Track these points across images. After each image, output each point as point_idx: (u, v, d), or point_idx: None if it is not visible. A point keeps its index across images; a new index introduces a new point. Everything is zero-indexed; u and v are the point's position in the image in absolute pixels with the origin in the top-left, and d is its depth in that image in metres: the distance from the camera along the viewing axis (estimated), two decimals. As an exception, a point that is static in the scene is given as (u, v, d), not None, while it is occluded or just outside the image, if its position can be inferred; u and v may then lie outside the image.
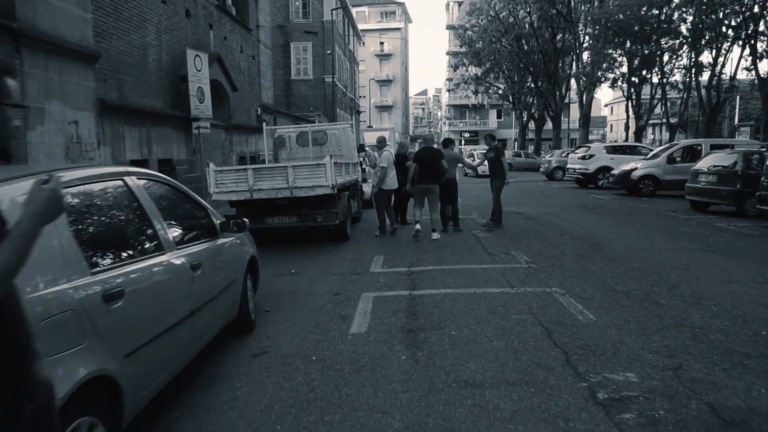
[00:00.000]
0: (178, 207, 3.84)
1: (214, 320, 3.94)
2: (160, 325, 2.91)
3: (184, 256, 3.37)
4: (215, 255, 4.01)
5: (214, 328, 3.97)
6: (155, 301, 2.93)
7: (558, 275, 6.41)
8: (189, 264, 3.39)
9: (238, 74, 17.19)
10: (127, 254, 2.83)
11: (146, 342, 2.73)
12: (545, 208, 13.84)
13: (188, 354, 3.43)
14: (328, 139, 11.50)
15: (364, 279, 6.58)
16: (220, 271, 4.07)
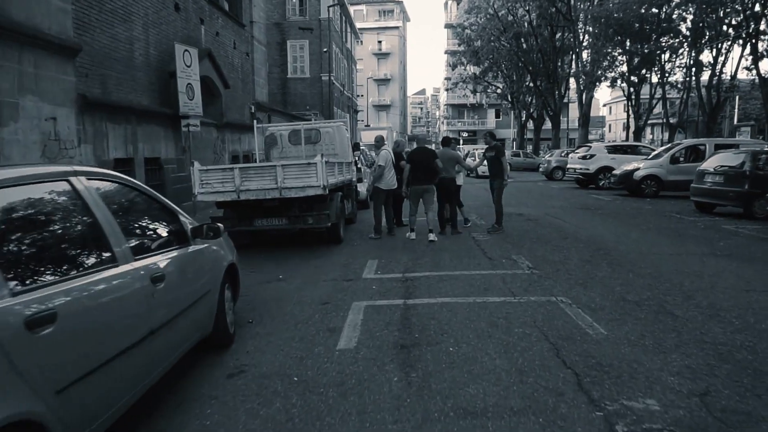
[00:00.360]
0: (140, 211, 3.41)
1: (183, 338, 3.51)
2: (106, 351, 2.48)
3: (143, 268, 2.94)
4: (185, 264, 3.59)
5: (183, 346, 3.54)
6: (100, 322, 2.50)
7: (563, 282, 6.00)
8: (149, 277, 2.97)
9: (231, 71, 16.76)
10: (65, 269, 2.40)
11: (87, 373, 2.31)
12: (546, 209, 13.43)
13: (149, 378, 3.00)
14: (321, 137, 11.08)
15: (356, 286, 6.16)
16: (191, 283, 3.64)
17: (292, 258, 8.01)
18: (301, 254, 8.25)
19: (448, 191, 9.64)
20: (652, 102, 39.10)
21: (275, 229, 8.38)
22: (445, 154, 9.58)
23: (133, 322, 2.77)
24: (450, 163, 9.48)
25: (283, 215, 8.15)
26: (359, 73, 62.60)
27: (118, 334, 2.62)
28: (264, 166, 7.95)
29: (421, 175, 8.92)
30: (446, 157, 9.51)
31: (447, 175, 9.42)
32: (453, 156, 9.75)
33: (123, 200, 3.20)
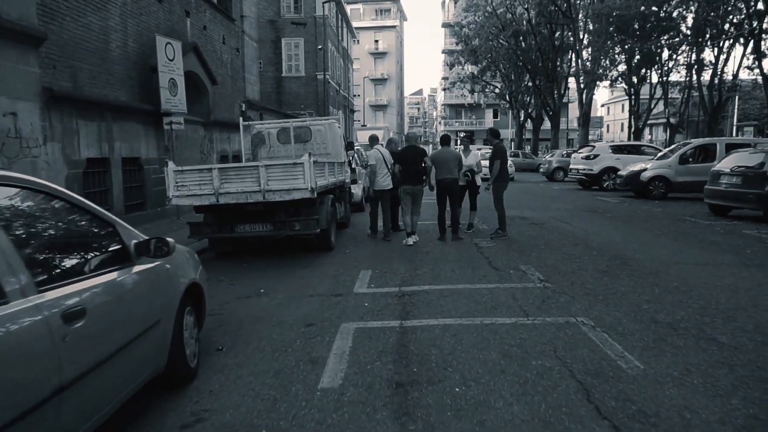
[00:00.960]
0: (59, 227, 2.67)
1: (121, 383, 2.77)
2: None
3: (49, 304, 2.20)
4: (122, 291, 2.84)
5: (122, 393, 2.79)
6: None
7: (581, 298, 5.27)
8: (60, 314, 2.23)
9: (220, 67, 16.00)
10: None
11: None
12: (550, 212, 12.71)
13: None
14: (312, 135, 10.34)
15: (346, 303, 5.42)
16: (131, 313, 2.90)
17: (276, 268, 7.27)
18: (288, 263, 7.51)
19: (450, 193, 8.91)
20: (652, 102, 38.47)
21: (258, 235, 7.62)
22: (444, 154, 8.90)
23: (31, 378, 2.03)
24: (452, 164, 8.75)
25: (267, 221, 7.41)
26: (356, 73, 61.87)
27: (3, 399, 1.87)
28: (245, 167, 7.20)
29: (409, 175, 8.53)
30: (446, 157, 8.83)
31: (449, 175, 8.69)
32: (454, 156, 9.01)
33: (31, 213, 2.46)
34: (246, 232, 7.45)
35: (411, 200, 8.70)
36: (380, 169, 9.03)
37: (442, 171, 8.69)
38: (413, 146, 8.99)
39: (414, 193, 8.67)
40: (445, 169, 8.68)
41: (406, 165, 8.60)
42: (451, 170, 8.71)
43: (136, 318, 2.92)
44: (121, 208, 10.18)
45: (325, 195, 8.15)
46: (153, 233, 4.00)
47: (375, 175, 9.03)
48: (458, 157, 9.04)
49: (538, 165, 32.16)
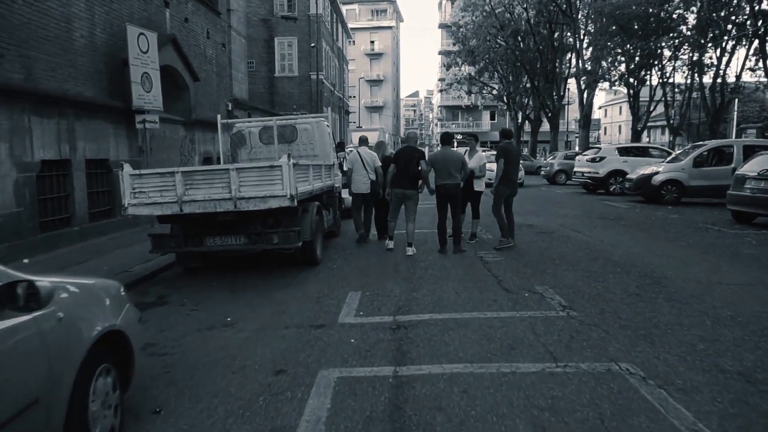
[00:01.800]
0: None
1: None
2: None
3: None
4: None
5: None
6: None
7: (617, 333, 4.28)
8: None
9: (204, 62, 14.98)
10: None
11: None
12: (558, 218, 11.74)
13: None
14: (298, 134, 9.33)
15: (328, 338, 4.41)
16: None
17: (251, 287, 6.24)
18: (265, 282, 6.49)
19: (451, 200, 7.96)
20: (651, 104, 37.66)
21: (231, 250, 6.61)
22: (444, 156, 7.92)
23: None
24: (452, 166, 7.81)
25: (241, 233, 6.39)
26: (351, 74, 61.02)
27: None
28: (214, 171, 6.17)
29: (402, 177, 7.86)
30: (447, 158, 7.86)
31: (450, 180, 7.78)
32: (456, 157, 8.02)
33: None
34: (216, 246, 6.43)
35: (400, 204, 8.00)
36: (358, 171, 8.74)
37: (443, 175, 7.80)
38: (410, 147, 8.13)
39: (405, 197, 7.91)
40: (445, 172, 7.78)
41: (400, 166, 7.88)
42: (452, 174, 7.79)
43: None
44: (84, 215, 9.14)
45: (309, 202, 7.14)
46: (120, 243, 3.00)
47: (350, 178, 8.84)
48: (460, 159, 8.05)
49: (538, 167, 31.28)
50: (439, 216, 8.16)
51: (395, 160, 8.03)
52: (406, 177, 7.83)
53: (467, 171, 8.24)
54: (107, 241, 9.23)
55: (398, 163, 7.92)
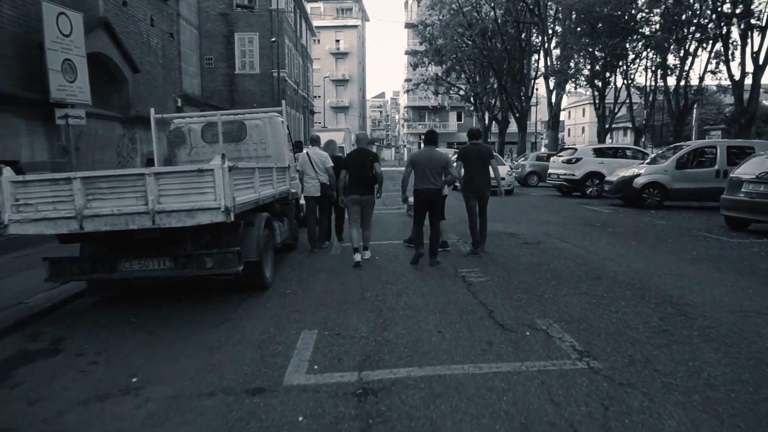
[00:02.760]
0: None
1: None
2: None
3: None
4: None
5: None
6: None
7: (665, 400, 3.14)
8: None
9: (146, 53, 13.40)
10: None
11: None
12: (540, 225, 10.71)
13: None
14: (247, 132, 7.99)
15: (266, 414, 3.12)
16: None
17: (176, 325, 4.87)
18: (196, 316, 5.12)
19: (431, 207, 7.01)
20: (615, 106, 37.58)
21: (154, 276, 5.22)
22: (427, 156, 6.97)
23: None
24: (435, 169, 6.86)
25: (166, 255, 5.02)
26: (316, 74, 59.46)
27: None
28: (125, 176, 4.77)
29: (356, 183, 7.21)
30: (429, 159, 6.91)
31: (431, 185, 6.86)
32: (439, 159, 6.95)
33: None
34: (133, 272, 5.03)
35: (359, 211, 7.33)
36: (307, 173, 8.29)
37: (423, 178, 6.90)
38: (362, 149, 7.41)
39: (363, 203, 7.29)
40: (426, 175, 6.86)
41: (354, 171, 7.23)
42: (434, 177, 6.88)
43: None
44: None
45: (255, 214, 5.83)
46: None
47: (302, 181, 8.38)
48: (446, 161, 6.99)
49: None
50: (414, 224, 7.26)
51: (346, 164, 7.39)
52: (361, 182, 7.16)
53: (453, 175, 7.16)
54: (6, 262, 7.64)
55: (350, 168, 7.25)
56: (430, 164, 6.83)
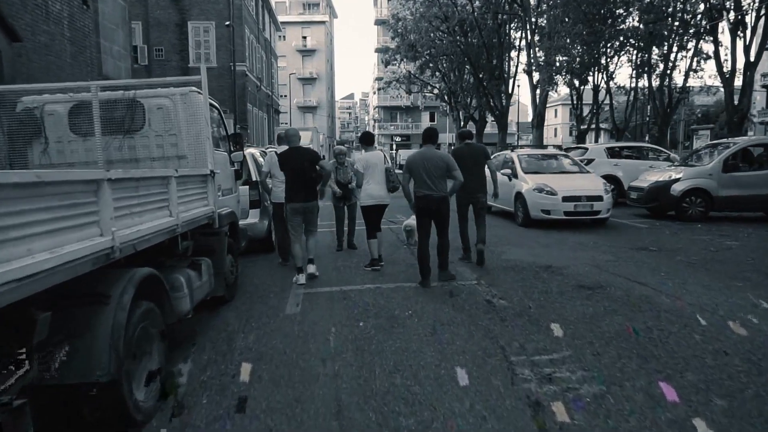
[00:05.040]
0: None
1: None
2: None
3: None
4: None
5: None
6: None
7: None
8: None
9: (42, 20, 10.09)
10: None
11: None
12: (575, 250, 7.92)
13: None
14: (146, 119, 4.92)
15: None
16: None
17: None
18: None
19: (437, 217, 5.99)
20: (596, 105, 35.76)
21: None
22: (426, 159, 5.92)
23: None
24: (436, 172, 5.88)
25: None
26: (282, 72, 56.08)
27: None
28: None
29: (296, 187, 6.21)
30: (429, 162, 5.89)
31: (434, 191, 5.87)
32: (437, 161, 5.91)
33: None
34: None
35: (300, 221, 6.32)
36: (276, 176, 6.97)
37: (422, 184, 5.94)
38: (298, 149, 6.30)
39: (306, 211, 6.30)
40: (424, 181, 5.89)
41: (291, 175, 6.22)
42: (435, 183, 5.89)
43: None
44: None
45: (112, 277, 2.77)
46: None
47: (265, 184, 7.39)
48: (446, 162, 5.97)
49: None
50: (419, 238, 6.14)
51: (282, 166, 6.33)
52: (302, 186, 6.20)
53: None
54: None
55: (287, 170, 6.24)
56: (427, 168, 5.83)
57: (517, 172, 10.89)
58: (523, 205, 10.32)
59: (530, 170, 10.92)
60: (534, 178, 10.46)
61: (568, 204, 9.86)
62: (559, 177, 10.67)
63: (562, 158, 12.21)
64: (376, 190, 6.66)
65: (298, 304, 5.29)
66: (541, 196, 10.03)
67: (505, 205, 11.13)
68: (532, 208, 10.09)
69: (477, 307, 4.97)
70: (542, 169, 11.13)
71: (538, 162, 11.58)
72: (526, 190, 10.26)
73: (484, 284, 5.90)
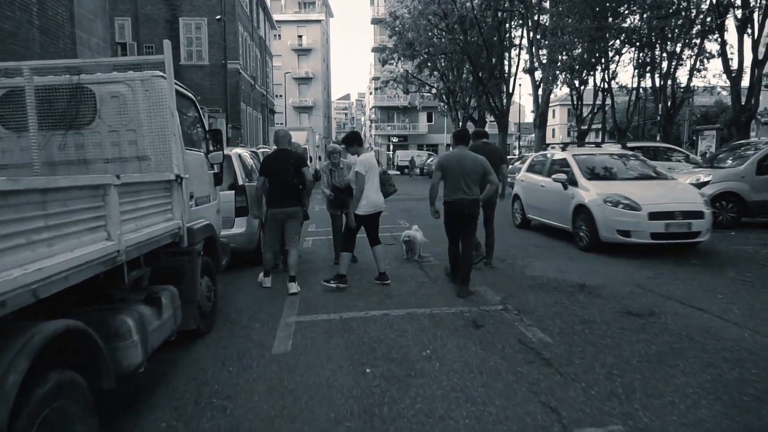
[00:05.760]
0: None
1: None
2: None
3: None
4: None
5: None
6: None
7: None
8: None
9: (6, 6, 9.07)
10: None
11: None
12: (605, 264, 6.97)
13: None
14: (98, 110, 3.92)
15: None
16: None
17: None
18: None
19: (466, 221, 5.60)
20: (603, 101, 35.04)
21: None
22: (459, 160, 5.58)
23: None
24: (470, 175, 5.52)
25: None
26: (277, 71, 55.05)
27: None
28: None
29: (278, 192, 5.76)
30: (462, 164, 5.54)
31: (465, 195, 5.48)
32: (474, 164, 5.56)
33: None
34: None
35: (279, 228, 5.89)
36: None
37: (456, 187, 5.55)
38: (283, 151, 5.94)
39: (288, 215, 5.80)
40: (459, 184, 5.50)
41: (274, 179, 5.77)
42: (469, 186, 5.51)
43: None
44: None
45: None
46: None
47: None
48: (482, 165, 5.60)
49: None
50: (450, 244, 5.90)
51: (263, 170, 5.96)
52: (284, 191, 5.81)
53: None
54: None
55: (269, 174, 5.83)
56: (465, 170, 5.53)
57: (576, 178, 8.36)
58: (588, 222, 7.76)
59: (594, 176, 8.48)
60: (601, 186, 8.02)
61: (656, 223, 7.23)
62: (635, 185, 8.07)
63: (632, 159, 9.41)
64: (375, 197, 5.90)
65: (289, 338, 4.30)
66: (617, 212, 7.38)
67: (556, 221, 8.93)
68: (604, 228, 7.51)
69: (511, 345, 3.99)
70: (610, 175, 8.66)
71: (603, 165, 8.98)
72: (593, 203, 7.72)
73: (512, 310, 4.93)
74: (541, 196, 9.56)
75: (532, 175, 10.28)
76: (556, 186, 8.69)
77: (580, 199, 8.06)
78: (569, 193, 8.35)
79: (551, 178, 8.84)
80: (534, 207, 9.91)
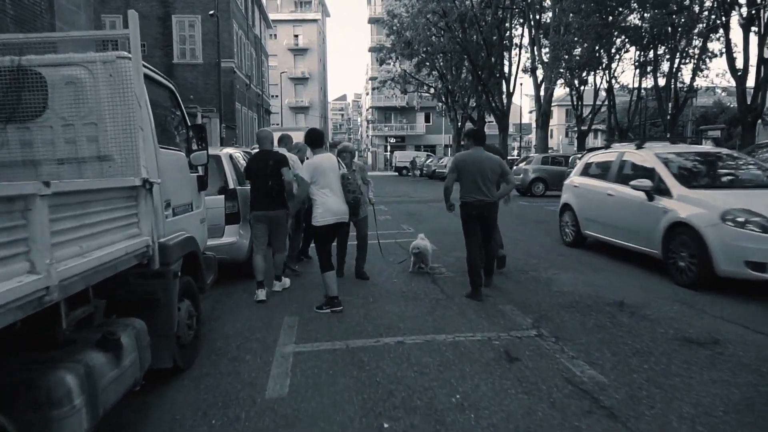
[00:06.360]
0: None
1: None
2: None
3: None
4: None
5: None
6: None
7: None
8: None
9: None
10: None
11: None
12: (637, 277, 6.25)
13: None
14: (51, 98, 3.16)
15: None
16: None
17: None
18: None
19: (484, 222, 5.39)
20: (609, 100, 34.58)
21: None
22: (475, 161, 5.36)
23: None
24: (486, 176, 5.31)
25: None
26: (273, 71, 54.29)
27: None
28: None
29: (261, 195, 5.53)
30: (478, 164, 5.34)
31: (483, 196, 5.28)
32: (491, 164, 5.36)
33: None
34: None
35: (266, 232, 5.60)
36: None
37: (473, 188, 5.31)
38: (265, 152, 5.65)
39: (271, 220, 5.55)
40: (477, 185, 5.28)
41: (256, 181, 5.57)
42: (486, 187, 5.30)
43: None
44: None
45: None
46: None
47: None
48: (498, 165, 5.42)
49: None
50: (468, 246, 5.48)
51: (247, 172, 5.77)
52: (266, 193, 5.48)
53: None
54: None
55: (251, 176, 5.64)
56: (482, 170, 5.33)
57: (667, 186, 6.29)
58: (699, 248, 5.58)
59: (694, 183, 6.35)
60: (711, 197, 5.89)
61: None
62: (758, 196, 5.92)
63: (737, 160, 7.34)
64: (335, 204, 5.05)
65: (286, 375, 3.55)
66: (745, 235, 5.27)
67: (633, 242, 6.87)
68: (723, 258, 5.38)
69: (559, 388, 3.25)
70: (715, 182, 6.67)
71: (703, 168, 6.96)
72: (703, 221, 5.60)
73: (548, 336, 4.19)
74: (606, 208, 7.44)
75: (590, 180, 8.17)
76: (634, 196, 6.64)
77: (675, 216, 5.96)
78: (658, 206, 6.27)
79: (630, 185, 6.69)
80: (594, 222, 7.82)
